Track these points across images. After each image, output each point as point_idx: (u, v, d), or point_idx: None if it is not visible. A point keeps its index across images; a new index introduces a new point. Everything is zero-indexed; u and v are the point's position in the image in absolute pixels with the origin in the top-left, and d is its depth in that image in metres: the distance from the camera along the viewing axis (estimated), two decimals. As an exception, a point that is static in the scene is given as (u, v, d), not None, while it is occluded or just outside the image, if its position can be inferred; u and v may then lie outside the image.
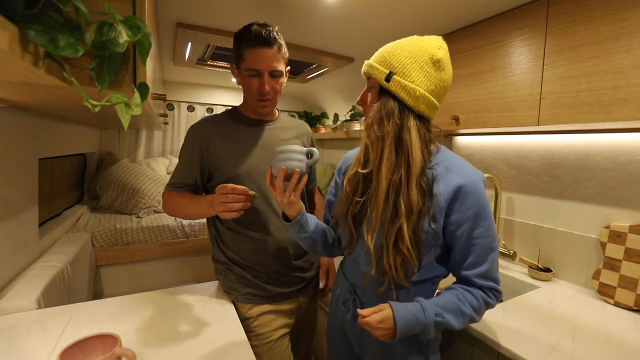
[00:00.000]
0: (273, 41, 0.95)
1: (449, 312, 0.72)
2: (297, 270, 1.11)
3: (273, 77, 0.99)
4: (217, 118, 1.10)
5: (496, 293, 0.76)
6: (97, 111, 0.58)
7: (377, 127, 0.74)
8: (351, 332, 0.90)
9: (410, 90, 0.72)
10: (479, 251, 0.74)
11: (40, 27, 0.44)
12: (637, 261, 1.10)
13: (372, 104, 0.77)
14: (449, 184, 0.73)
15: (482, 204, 0.74)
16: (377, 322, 0.70)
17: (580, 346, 0.89)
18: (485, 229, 0.74)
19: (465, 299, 0.74)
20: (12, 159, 1.10)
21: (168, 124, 2.89)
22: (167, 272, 2.01)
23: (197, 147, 1.04)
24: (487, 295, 0.75)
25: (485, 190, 0.77)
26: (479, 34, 1.36)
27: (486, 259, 0.74)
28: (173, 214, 1.09)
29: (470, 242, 0.74)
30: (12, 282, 1.08)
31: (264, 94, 1.00)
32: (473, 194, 0.73)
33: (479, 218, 0.73)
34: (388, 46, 0.77)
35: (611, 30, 0.96)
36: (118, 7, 0.67)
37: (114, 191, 2.17)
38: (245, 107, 1.11)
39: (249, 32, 0.95)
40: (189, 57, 1.99)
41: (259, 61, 0.96)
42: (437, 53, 0.73)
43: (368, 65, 0.78)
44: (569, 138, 1.33)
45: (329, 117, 3.12)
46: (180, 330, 0.88)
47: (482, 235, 0.74)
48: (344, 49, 1.83)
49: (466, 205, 0.73)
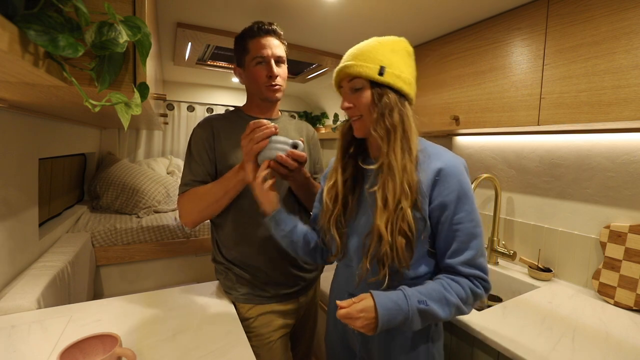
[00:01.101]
0: (276, 31, 1.01)
1: (433, 300, 0.70)
2: (297, 271, 1.11)
3: (278, 64, 1.03)
4: (222, 116, 1.11)
5: (483, 282, 0.74)
6: (97, 111, 0.58)
7: (388, 119, 0.75)
8: (352, 338, 0.89)
9: (405, 79, 0.76)
10: (463, 237, 0.73)
11: (40, 27, 0.44)
12: (637, 261, 1.10)
13: (363, 103, 0.78)
14: (429, 169, 0.75)
15: (464, 188, 0.73)
16: (358, 312, 0.68)
17: (580, 346, 0.89)
18: (467, 213, 0.73)
19: (450, 287, 0.72)
20: (12, 159, 1.10)
21: (168, 124, 2.89)
22: (167, 272, 2.00)
23: (206, 142, 1.03)
24: (474, 284, 0.73)
25: (468, 177, 0.76)
26: (479, 34, 1.36)
27: (469, 246, 0.73)
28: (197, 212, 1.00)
29: (452, 227, 0.73)
30: (12, 282, 1.08)
31: (273, 77, 1.02)
32: (453, 177, 0.73)
33: (460, 202, 0.73)
34: (362, 46, 0.79)
35: (611, 31, 0.96)
36: (118, 7, 0.67)
37: (114, 191, 2.17)
38: (249, 106, 1.12)
39: (251, 27, 1.00)
40: (189, 57, 1.99)
41: (265, 48, 1.00)
42: (408, 46, 0.80)
43: (348, 67, 0.78)
44: (569, 138, 1.33)
45: (329, 117, 3.12)
46: (180, 330, 0.88)
47: (463, 220, 0.73)
48: (344, 49, 1.81)
49: (448, 189, 0.73)
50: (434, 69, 1.56)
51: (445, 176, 0.73)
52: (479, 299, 0.75)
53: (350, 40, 1.77)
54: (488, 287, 0.75)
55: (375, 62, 0.76)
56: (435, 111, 1.56)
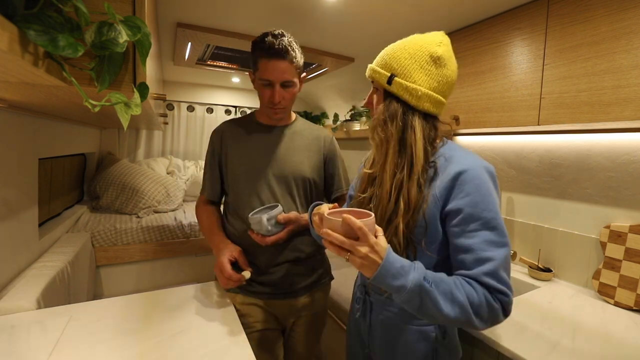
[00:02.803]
0: (285, 53, 0.97)
1: (439, 289, 0.63)
2: (292, 275, 1.11)
3: (284, 87, 1.03)
4: (234, 122, 1.17)
5: (501, 296, 0.64)
6: (96, 111, 0.58)
7: (381, 129, 0.76)
8: (362, 330, 0.90)
9: (412, 91, 0.73)
10: (480, 246, 0.65)
11: (40, 27, 0.44)
12: (637, 261, 1.10)
13: (378, 106, 0.79)
14: (446, 174, 0.71)
15: (483, 193, 0.67)
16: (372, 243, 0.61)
17: (580, 346, 0.89)
18: (485, 221, 0.65)
19: (462, 287, 0.64)
20: (12, 159, 1.10)
21: (168, 123, 2.89)
22: (167, 272, 2.00)
23: (216, 150, 1.14)
24: (492, 296, 0.63)
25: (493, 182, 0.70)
26: (479, 34, 1.36)
27: (488, 256, 0.64)
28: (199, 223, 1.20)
29: (468, 234, 0.66)
30: (12, 282, 1.08)
31: (275, 104, 1.04)
32: (470, 181, 0.68)
33: (477, 207, 0.66)
34: (389, 48, 0.78)
35: (611, 30, 0.96)
36: (118, 7, 0.67)
37: (114, 191, 2.17)
38: (260, 113, 1.16)
39: (262, 42, 0.98)
40: (189, 57, 1.99)
41: (271, 73, 0.99)
42: (436, 50, 0.73)
43: (371, 70, 0.79)
44: (569, 138, 1.33)
45: (329, 117, 3.12)
46: (180, 330, 0.88)
47: (481, 228, 0.65)
48: (344, 49, 1.83)
49: (463, 193, 0.68)
50: (434, 69, 1.56)
51: (463, 181, 0.68)
52: (495, 316, 0.64)
53: (350, 40, 1.79)
54: (507, 303, 0.64)
55: (388, 68, 0.75)
56: (435, 111, 1.56)
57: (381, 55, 0.79)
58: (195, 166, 2.93)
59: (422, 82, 0.73)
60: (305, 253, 1.11)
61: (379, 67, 0.77)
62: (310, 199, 1.14)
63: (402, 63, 0.74)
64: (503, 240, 0.66)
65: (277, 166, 1.08)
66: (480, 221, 0.66)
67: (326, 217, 0.65)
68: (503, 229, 0.67)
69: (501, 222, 0.67)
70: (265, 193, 1.07)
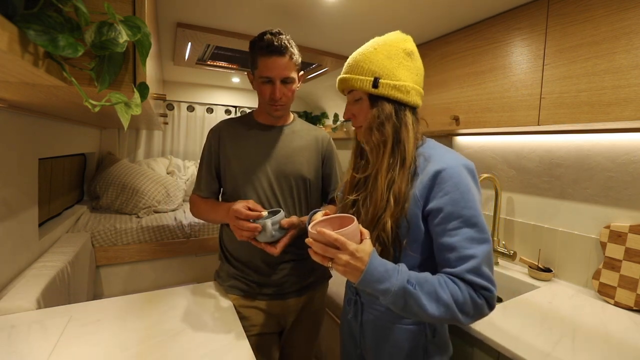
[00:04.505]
0: (284, 50, 0.98)
1: (423, 289, 0.65)
2: (292, 276, 1.11)
3: (285, 83, 1.03)
4: (232, 121, 1.16)
5: (485, 292, 0.66)
6: (96, 111, 0.58)
7: (378, 132, 0.76)
8: (354, 330, 0.90)
9: (401, 88, 0.75)
10: (462, 243, 0.67)
11: (40, 27, 0.44)
12: (637, 261, 1.10)
13: (363, 113, 0.79)
14: (426, 173, 0.72)
15: (462, 190, 0.68)
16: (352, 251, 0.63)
17: (580, 346, 0.89)
18: (466, 218, 0.67)
19: (446, 285, 0.65)
20: (12, 159, 1.10)
21: (168, 124, 2.89)
22: (167, 272, 2.00)
23: (213, 149, 1.12)
24: (475, 292, 0.65)
25: (473, 179, 0.71)
26: (479, 34, 1.36)
27: (470, 253, 0.66)
28: (199, 217, 1.17)
29: (449, 232, 0.68)
30: (12, 282, 1.08)
31: (276, 100, 1.04)
32: (449, 180, 0.69)
33: (457, 205, 0.67)
34: (359, 55, 0.78)
35: (611, 31, 0.96)
36: (118, 7, 0.67)
37: (114, 191, 2.17)
38: (258, 112, 1.15)
39: (261, 41, 0.98)
40: (189, 57, 1.99)
41: (271, 69, 1.00)
42: (407, 46, 0.78)
43: (348, 80, 0.78)
44: (569, 138, 1.33)
45: (329, 117, 3.12)
46: (180, 330, 0.88)
47: (462, 225, 0.67)
48: (344, 49, 1.83)
49: (442, 192, 0.69)
50: (434, 69, 1.56)
51: (442, 179, 0.70)
52: (480, 312, 0.67)
53: (350, 40, 1.79)
54: (490, 297, 0.66)
55: (369, 73, 0.75)
56: (435, 111, 1.56)
57: (352, 64, 0.79)
58: (195, 166, 2.93)
59: (406, 78, 0.76)
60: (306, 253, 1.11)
61: (357, 74, 0.77)
62: (309, 199, 1.14)
63: (383, 64, 0.75)
64: (484, 236, 0.68)
65: (277, 165, 1.08)
66: (461, 219, 0.68)
67: (309, 229, 0.68)
68: (483, 225, 0.69)
69: (481, 218, 0.69)
70: (264, 192, 1.07)
